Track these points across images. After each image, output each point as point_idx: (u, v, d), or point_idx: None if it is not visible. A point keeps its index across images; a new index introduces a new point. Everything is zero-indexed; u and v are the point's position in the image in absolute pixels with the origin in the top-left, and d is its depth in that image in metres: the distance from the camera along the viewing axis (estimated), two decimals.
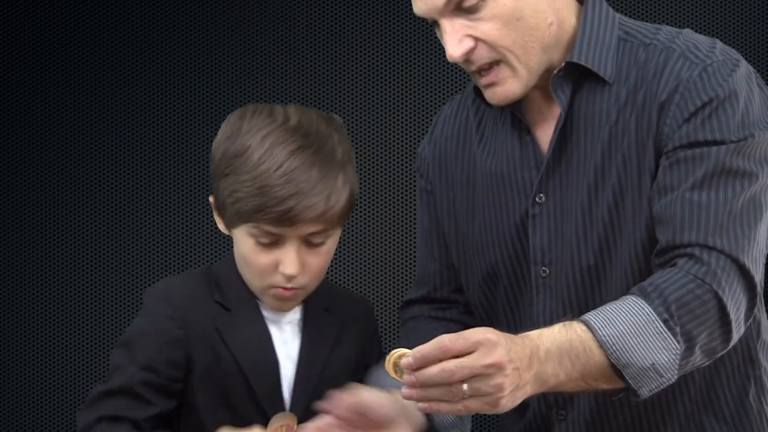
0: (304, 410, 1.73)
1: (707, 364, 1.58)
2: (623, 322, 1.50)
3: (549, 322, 1.63)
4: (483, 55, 1.63)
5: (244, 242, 1.73)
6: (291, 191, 1.67)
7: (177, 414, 1.77)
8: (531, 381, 1.45)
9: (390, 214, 3.66)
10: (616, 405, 1.69)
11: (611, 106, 1.66)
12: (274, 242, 1.71)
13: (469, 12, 1.60)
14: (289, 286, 1.72)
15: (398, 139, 3.67)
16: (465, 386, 1.40)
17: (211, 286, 1.79)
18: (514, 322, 1.77)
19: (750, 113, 1.61)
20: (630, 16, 1.76)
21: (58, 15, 3.78)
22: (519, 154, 1.74)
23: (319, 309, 1.81)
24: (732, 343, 1.57)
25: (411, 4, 1.69)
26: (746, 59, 1.70)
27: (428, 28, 1.72)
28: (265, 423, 1.71)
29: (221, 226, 1.80)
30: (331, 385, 1.72)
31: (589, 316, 1.52)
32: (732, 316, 1.54)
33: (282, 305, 1.76)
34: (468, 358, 1.40)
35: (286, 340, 1.79)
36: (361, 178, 3.54)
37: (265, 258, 1.72)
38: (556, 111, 1.70)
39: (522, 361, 1.44)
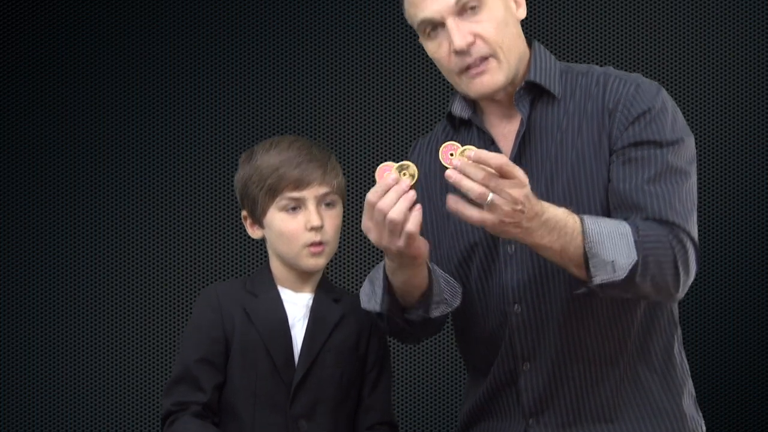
0: (306, 373, 2.21)
1: (654, 298, 2.05)
2: (607, 226, 1.96)
3: (515, 289, 2.10)
4: (480, 48, 2.07)
5: (276, 219, 2.23)
6: (300, 160, 2.21)
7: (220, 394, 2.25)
8: (524, 228, 1.90)
9: None
10: (572, 357, 2.09)
11: (561, 116, 2.11)
12: (297, 207, 2.22)
13: (472, 10, 2.07)
14: (317, 240, 2.21)
15: (398, 139, 3.82)
16: (491, 195, 1.85)
17: (245, 282, 2.29)
18: (484, 292, 2.16)
19: (677, 122, 2.09)
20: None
21: (58, 15, 3.87)
22: None
23: (329, 299, 2.28)
24: (681, 290, 2.04)
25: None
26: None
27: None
28: (281, 386, 2.20)
29: (256, 233, 2.28)
30: (331, 356, 2.23)
31: (585, 215, 1.98)
32: (680, 267, 2.01)
33: (317, 261, 2.23)
34: (502, 181, 1.86)
35: (299, 319, 2.26)
36: (360, 181, 3.70)
37: (294, 223, 2.22)
38: (514, 125, 2.14)
39: (529, 211, 1.89)
